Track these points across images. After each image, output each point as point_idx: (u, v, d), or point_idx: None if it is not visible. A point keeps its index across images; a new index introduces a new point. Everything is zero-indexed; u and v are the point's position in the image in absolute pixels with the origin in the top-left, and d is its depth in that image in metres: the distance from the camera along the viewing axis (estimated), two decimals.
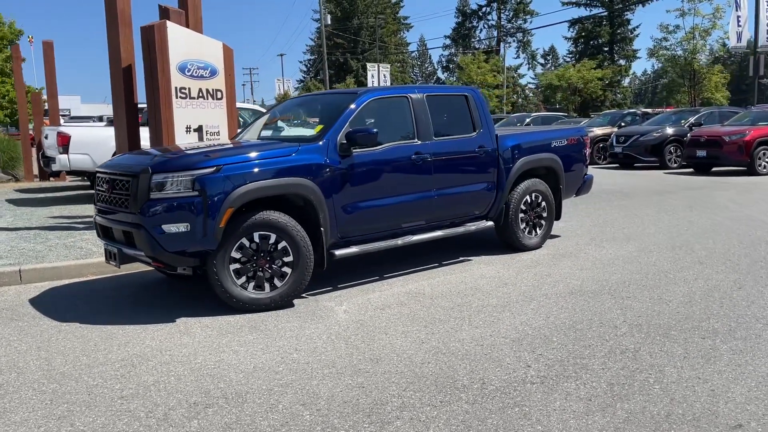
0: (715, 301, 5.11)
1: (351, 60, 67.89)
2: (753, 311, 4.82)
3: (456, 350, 4.19)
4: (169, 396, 3.61)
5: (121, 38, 8.48)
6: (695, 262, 6.41)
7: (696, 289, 5.47)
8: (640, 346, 4.17)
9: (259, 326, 4.80)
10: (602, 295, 5.35)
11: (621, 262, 6.50)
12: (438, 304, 5.22)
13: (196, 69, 8.79)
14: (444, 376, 3.77)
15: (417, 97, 6.26)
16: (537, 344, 4.26)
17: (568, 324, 4.65)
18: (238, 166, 5.04)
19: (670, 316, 4.77)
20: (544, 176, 7.40)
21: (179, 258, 4.99)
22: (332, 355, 4.17)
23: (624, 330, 4.49)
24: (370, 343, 4.36)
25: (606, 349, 4.13)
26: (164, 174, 4.89)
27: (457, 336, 4.46)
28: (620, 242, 7.51)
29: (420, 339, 4.42)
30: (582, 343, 4.26)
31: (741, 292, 5.34)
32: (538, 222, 7.26)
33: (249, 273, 5.12)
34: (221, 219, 4.88)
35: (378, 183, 5.82)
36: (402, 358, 4.07)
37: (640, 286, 5.61)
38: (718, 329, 4.45)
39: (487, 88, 42.90)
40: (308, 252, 5.24)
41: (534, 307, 5.07)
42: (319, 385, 3.69)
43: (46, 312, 5.29)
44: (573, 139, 7.60)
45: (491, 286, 5.74)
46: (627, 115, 21.33)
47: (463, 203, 6.56)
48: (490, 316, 4.89)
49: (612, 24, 62.74)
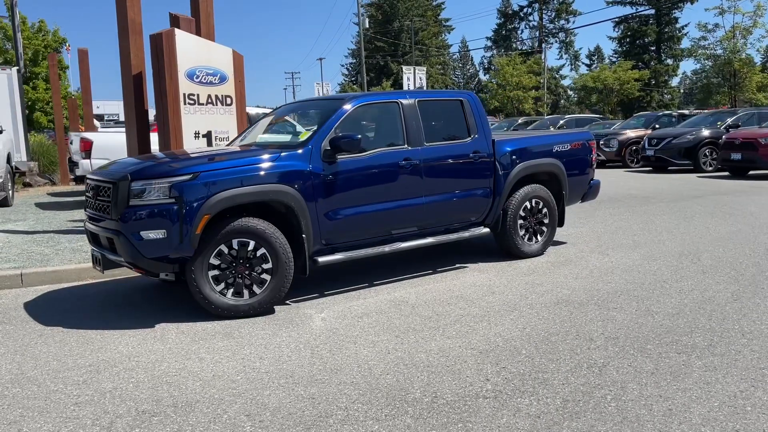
0: (705, 313, 4.90)
1: (391, 63, 67.95)
2: (742, 325, 4.60)
3: (419, 361, 4.11)
4: (122, 404, 3.63)
5: (132, 46, 8.64)
6: (698, 272, 6.17)
7: (689, 300, 5.25)
8: (610, 360, 4.02)
9: (233, 333, 4.81)
10: (588, 306, 5.19)
11: (620, 271, 6.30)
12: (418, 313, 5.15)
13: (204, 75, 8.90)
14: (398, 389, 3.70)
15: (408, 103, 6.19)
16: (503, 356, 4.15)
17: (543, 335, 4.52)
18: (215, 173, 5.06)
19: (651, 329, 4.59)
20: (546, 182, 7.23)
21: (158, 264, 5.04)
22: (294, 364, 4.14)
23: (599, 343, 4.34)
24: (335, 353, 4.32)
25: (573, 363, 3.99)
26: (142, 181, 4.94)
27: (425, 346, 4.38)
28: (626, 250, 7.28)
29: (387, 349, 4.36)
30: (551, 356, 4.14)
31: (736, 304, 5.11)
32: (539, 229, 7.10)
33: (228, 279, 5.14)
34: (197, 226, 4.91)
35: (364, 190, 5.77)
36: (362, 369, 4.02)
37: (630, 296, 5.42)
38: (698, 344, 4.26)
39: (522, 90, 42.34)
40: (287, 259, 5.23)
41: (514, 318, 4.95)
42: (271, 396, 3.67)
43: (35, 316, 5.41)
44: (577, 143, 7.41)
45: (478, 295, 5.63)
46: (662, 117, 20.74)
47: (457, 210, 6.46)
48: (467, 326, 4.80)
49: (659, 22, 61.28)
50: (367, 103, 6.07)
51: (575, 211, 10.09)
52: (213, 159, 5.40)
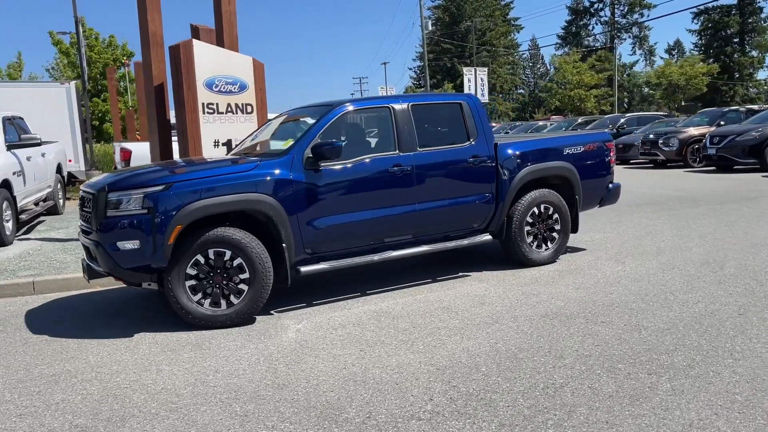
0: (700, 329, 4.51)
1: (458, 65, 67.37)
2: (735, 343, 4.19)
3: (371, 378, 3.95)
4: (61, 417, 3.64)
5: (153, 58, 8.83)
6: (713, 282, 5.71)
7: (688, 314, 4.85)
8: (570, 381, 3.74)
9: (204, 344, 4.78)
10: (576, 319, 4.87)
11: (627, 281, 5.91)
12: (395, 325, 4.97)
13: (224, 85, 8.99)
14: (335, 407, 3.56)
15: (400, 108, 6.02)
16: (460, 374, 3.93)
17: (512, 351, 4.27)
18: (188, 184, 5.05)
19: (632, 345, 4.25)
20: (558, 186, 6.89)
21: (135, 274, 5.08)
22: (245, 378, 4.06)
23: (568, 361, 4.05)
24: (292, 367, 4.21)
25: (529, 383, 3.74)
26: (118, 192, 4.99)
27: (385, 362, 4.21)
28: (646, 257, 6.84)
29: (345, 364, 4.21)
30: (510, 374, 3.89)
31: (739, 319, 4.68)
32: (549, 235, 6.77)
33: (205, 289, 5.12)
34: (170, 236, 4.92)
35: (350, 197, 5.64)
36: (309, 385, 3.89)
37: (626, 309, 5.06)
38: (676, 364, 3.90)
39: (584, 89, 40.88)
40: (264, 269, 5.17)
41: (491, 331, 4.70)
42: (206, 412, 3.59)
43: (30, 324, 5.56)
44: (592, 145, 7.02)
45: (465, 306, 5.40)
46: (728, 113, 19.54)
47: (455, 217, 6.23)
48: (438, 339, 4.59)
49: (742, 13, 58.23)
50: (355, 110, 5.94)
51: (607, 215, 9.61)
52: (190, 169, 5.41)
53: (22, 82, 15.60)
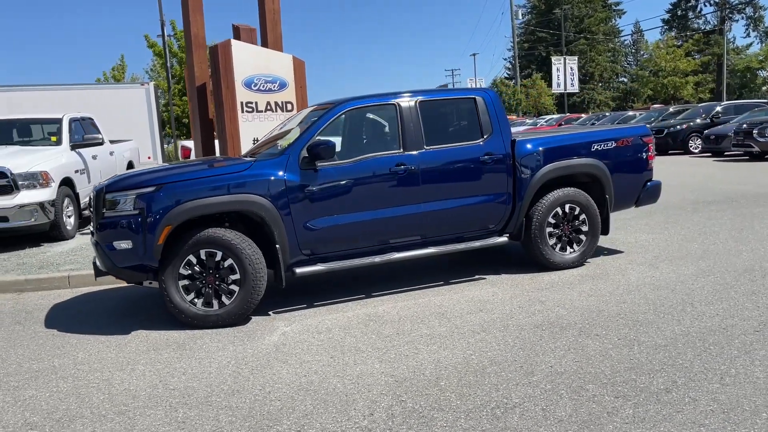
0: (700, 347, 4.06)
1: (554, 53, 65.27)
2: (733, 366, 3.75)
3: (325, 388, 3.83)
4: (20, 413, 3.75)
5: (195, 59, 9.06)
6: (745, 293, 5.16)
7: (697, 329, 4.40)
8: (526, 401, 3.46)
9: (188, 344, 4.82)
10: (569, 331, 4.53)
11: (649, 289, 5.44)
12: (379, 331, 4.82)
13: (263, 83, 9.09)
14: (272, 418, 3.47)
15: (407, 105, 5.81)
16: (415, 387, 3.73)
17: (483, 365, 4.01)
18: (179, 185, 5.10)
19: (615, 363, 3.89)
20: (587, 185, 6.45)
21: (130, 273, 5.19)
22: (206, 383, 4.04)
23: (535, 378, 3.76)
24: (255, 373, 4.15)
25: (482, 402, 3.49)
26: (113, 193, 5.12)
27: (348, 371, 4.08)
28: (685, 262, 6.29)
29: (308, 371, 4.11)
30: (467, 390, 3.65)
31: (751, 337, 4.18)
32: (575, 237, 6.35)
33: (198, 289, 5.16)
34: (159, 236, 4.98)
35: (348, 198, 5.51)
36: (262, 393, 3.82)
37: (631, 321, 4.65)
38: (653, 386, 3.53)
39: (678, 75, 38.24)
40: (255, 270, 5.14)
41: (473, 341, 4.45)
42: (150, 417, 3.60)
43: (48, 317, 5.81)
44: (625, 140, 6.51)
45: (462, 312, 5.15)
46: None
47: (467, 217, 5.95)
48: (414, 348, 4.40)
49: None
50: (356, 108, 5.79)
51: (665, 213, 8.96)
52: (183, 170, 5.46)
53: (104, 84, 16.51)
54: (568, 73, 34.58)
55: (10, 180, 8.71)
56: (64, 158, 9.85)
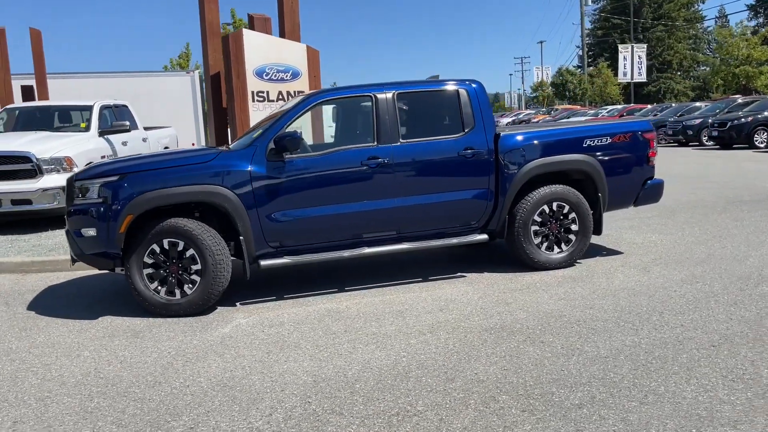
0: (642, 360, 3.80)
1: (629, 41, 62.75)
2: (662, 383, 3.48)
3: (241, 385, 3.79)
4: None
5: (209, 48, 9.16)
6: (727, 303, 4.80)
7: (651, 340, 4.12)
8: (429, 409, 3.32)
9: (143, 333, 4.88)
10: (515, 336, 4.32)
11: (626, 294, 5.14)
12: (329, 327, 4.74)
13: (275, 73, 9.11)
14: (172, 413, 3.46)
15: (383, 97, 5.67)
16: (328, 389, 3.65)
17: (409, 368, 3.88)
18: (141, 175, 5.15)
19: (542, 374, 3.69)
20: (580, 182, 6.14)
21: (97, 260, 5.29)
22: (134, 373, 4.07)
23: (454, 384, 3.61)
24: (188, 365, 4.15)
25: (384, 408, 3.38)
26: (82, 181, 5.23)
27: (274, 368, 4.02)
28: (682, 266, 5.91)
29: (235, 366, 4.08)
30: (377, 394, 3.54)
31: (703, 352, 3.88)
32: (564, 236, 6.06)
33: (162, 278, 5.22)
34: (121, 225, 5.06)
35: (317, 190, 5.44)
36: (181, 386, 3.82)
37: (587, 328, 4.40)
38: (567, 401, 3.32)
39: (752, 65, 35.88)
40: (216, 261, 5.14)
41: (413, 343, 4.32)
42: (62, 404, 3.64)
43: (35, 300, 6.00)
44: (621, 135, 6.15)
45: (423, 311, 5.01)
46: None
47: (445, 213, 5.77)
48: (353, 347, 4.30)
49: None
50: (329, 99, 5.70)
51: (690, 212, 8.48)
52: (148, 160, 5.51)
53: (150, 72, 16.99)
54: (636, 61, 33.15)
55: (34, 164, 9.07)
56: (91, 144, 10.17)
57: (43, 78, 14.28)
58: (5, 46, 14.11)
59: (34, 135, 9.91)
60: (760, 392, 3.29)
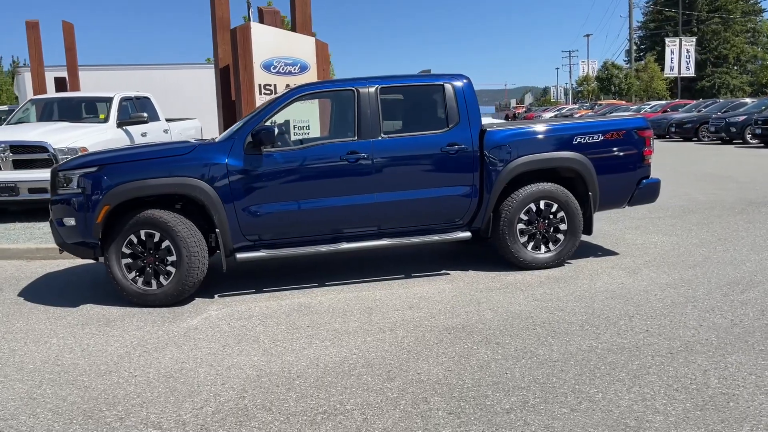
0: (590, 366, 3.68)
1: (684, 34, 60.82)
2: (603, 390, 3.36)
3: (186, 377, 3.82)
4: None
5: (219, 41, 9.24)
6: (702, 309, 4.61)
7: (607, 346, 3.98)
8: (356, 409, 3.28)
9: (114, 321, 4.96)
10: (474, 337, 4.24)
11: (603, 297, 4.99)
12: (293, 323, 4.73)
13: (282, 66, 9.14)
14: (110, 403, 3.51)
15: (365, 91, 5.61)
16: (266, 385, 3.65)
17: (355, 366, 3.85)
18: (118, 166, 5.24)
19: (484, 376, 3.61)
20: (568, 180, 5.98)
21: (78, 249, 5.40)
22: (90, 362, 4.14)
23: (391, 385, 3.56)
24: (144, 356, 4.20)
25: (312, 406, 3.36)
26: (65, 172, 5.33)
27: (225, 361, 4.05)
28: (672, 269, 5.71)
29: (189, 358, 4.12)
30: (312, 392, 3.52)
31: (658, 359, 3.73)
32: (552, 236, 5.92)
33: (140, 269, 5.30)
34: (98, 215, 5.15)
35: (294, 184, 5.43)
36: (128, 377, 3.87)
37: (548, 331, 4.29)
38: (497, 406, 3.24)
39: None
40: (190, 252, 5.19)
41: (370, 340, 4.28)
42: (10, 391, 3.72)
43: (29, 286, 6.15)
44: (614, 133, 5.96)
45: (392, 308, 4.96)
46: None
47: (426, 209, 5.69)
48: (308, 343, 4.29)
49: None
50: (310, 93, 5.67)
51: (710, 213, 8.17)
52: (127, 152, 5.58)
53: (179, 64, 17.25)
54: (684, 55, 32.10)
55: (51, 154, 9.32)
56: (109, 135, 10.39)
57: (74, 69, 14.67)
58: (39, 38, 14.56)
59: (52, 125, 10.19)
60: (701, 403, 3.15)
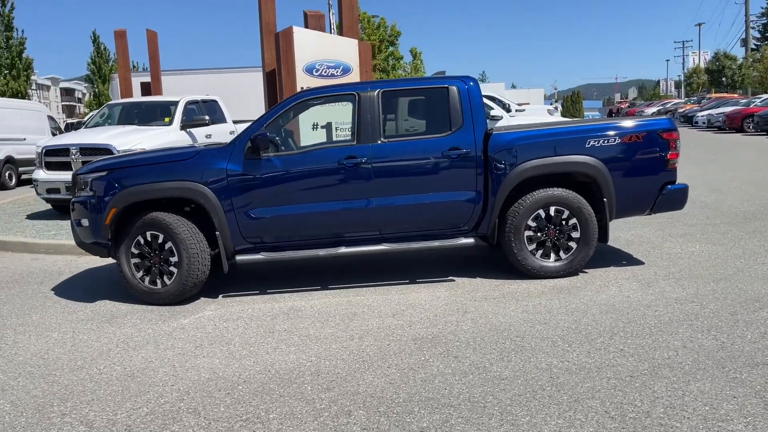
0: (537, 386, 3.49)
1: None
2: (533, 413, 3.18)
3: (143, 376, 3.97)
4: None
5: (265, 45, 9.48)
6: (698, 329, 4.25)
7: (567, 366, 3.75)
8: (277, 418, 3.28)
9: (117, 318, 5.22)
10: (437, 348, 4.13)
11: (599, 311, 4.70)
12: (274, 327, 4.79)
13: (325, 69, 9.27)
14: (66, 398, 3.70)
15: (367, 95, 5.57)
16: (209, 389, 3.72)
17: (304, 374, 3.86)
18: (125, 170, 5.49)
19: (421, 391, 3.50)
20: (583, 185, 5.68)
21: (93, 248, 5.72)
22: (72, 357, 4.38)
23: (327, 395, 3.53)
24: (122, 354, 4.39)
25: (240, 413, 3.39)
26: (82, 176, 5.66)
27: (186, 363, 4.16)
28: (692, 283, 5.30)
29: (157, 358, 4.27)
30: (247, 398, 3.55)
31: (612, 382, 3.48)
32: (564, 244, 5.64)
33: (147, 268, 5.54)
34: (106, 217, 5.43)
35: (293, 189, 5.48)
36: (94, 373, 4.07)
37: (517, 346, 4.10)
38: (420, 422, 3.15)
39: None
40: (189, 254, 5.37)
41: (334, 348, 4.27)
42: None
43: (64, 282, 6.58)
44: (633, 135, 5.58)
45: (375, 315, 4.92)
46: None
47: (428, 214, 5.58)
48: (275, 348, 4.34)
49: None
50: (310, 98, 5.69)
51: (763, 220, 7.50)
52: (135, 156, 5.82)
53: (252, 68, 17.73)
54: None
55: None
56: (172, 137, 10.91)
57: (157, 75, 15.49)
58: (126, 46, 15.50)
59: (120, 129, 10.83)
60: None
